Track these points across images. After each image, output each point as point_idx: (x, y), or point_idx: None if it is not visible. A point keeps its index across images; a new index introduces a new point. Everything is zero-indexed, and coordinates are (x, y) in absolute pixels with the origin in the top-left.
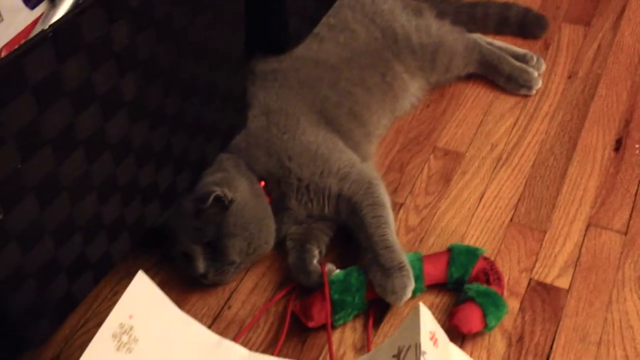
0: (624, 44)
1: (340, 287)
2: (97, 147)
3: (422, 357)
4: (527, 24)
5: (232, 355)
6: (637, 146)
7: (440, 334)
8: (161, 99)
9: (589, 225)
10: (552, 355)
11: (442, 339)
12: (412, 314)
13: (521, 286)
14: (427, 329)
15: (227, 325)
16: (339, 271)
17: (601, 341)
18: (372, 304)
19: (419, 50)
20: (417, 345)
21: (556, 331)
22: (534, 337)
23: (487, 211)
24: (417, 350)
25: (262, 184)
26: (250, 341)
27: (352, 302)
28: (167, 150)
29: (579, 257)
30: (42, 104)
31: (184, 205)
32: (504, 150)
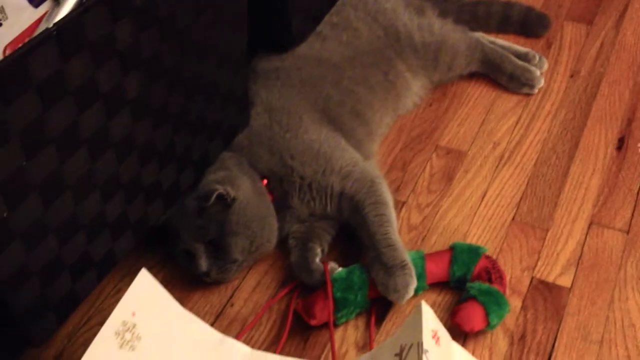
0: (627, 43)
1: (342, 285)
2: (101, 146)
3: (424, 355)
4: (529, 23)
5: (235, 353)
6: (639, 145)
7: (442, 332)
8: (164, 98)
9: (591, 223)
10: (554, 353)
11: (444, 337)
12: (414, 313)
13: (523, 285)
14: (429, 327)
15: (230, 323)
16: (341, 269)
17: (603, 340)
18: (375, 302)
19: (422, 49)
20: (420, 343)
21: (558, 330)
22: (536, 336)
23: (489, 210)
24: (420, 348)
25: (265, 182)
26: (252, 339)
27: (354, 301)
28: (170, 148)
29: (581, 256)
30: (46, 103)
31: (186, 203)
32: (506, 148)
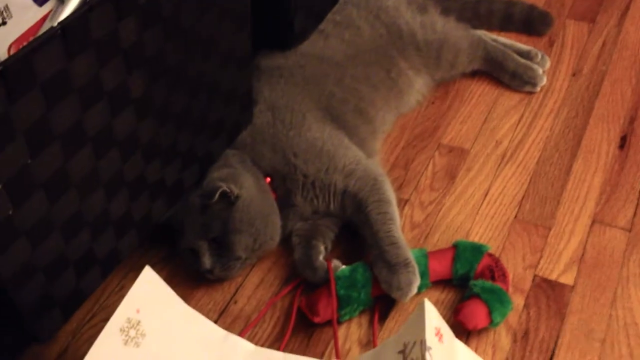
0: (629, 41)
1: (346, 283)
2: (105, 144)
3: (427, 352)
4: (531, 21)
5: (239, 350)
6: None
7: (445, 329)
8: (168, 96)
9: (593, 222)
10: (556, 351)
11: (447, 334)
12: (417, 310)
13: (526, 283)
14: (432, 324)
15: (233, 320)
16: (344, 267)
17: (606, 338)
18: (378, 299)
19: (424, 46)
20: (423, 341)
21: (561, 328)
22: (539, 334)
23: (492, 208)
24: (423, 346)
25: (268, 180)
26: (256, 336)
27: (357, 298)
28: (173, 146)
29: (583, 254)
30: (50, 101)
31: (190, 201)
32: (509, 147)
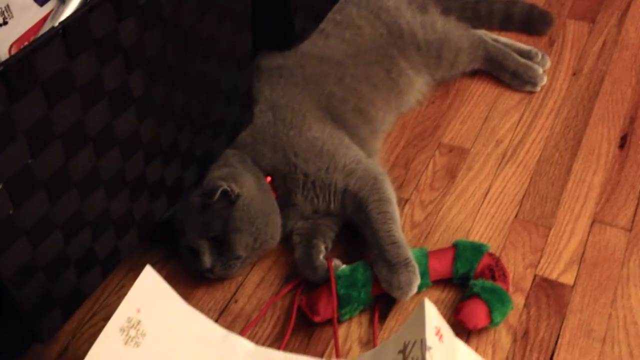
0: (629, 41)
1: (346, 282)
2: (106, 143)
3: (427, 352)
4: (532, 21)
5: (239, 349)
6: None
7: (445, 329)
8: (169, 95)
9: (593, 221)
10: (556, 351)
11: (448, 334)
12: (417, 310)
13: (526, 282)
14: (433, 324)
15: (234, 319)
16: (345, 266)
17: (606, 337)
18: (378, 299)
19: (424, 46)
20: (423, 340)
21: (561, 327)
22: (539, 333)
23: (492, 207)
24: (423, 345)
25: (269, 179)
26: (256, 335)
27: (358, 297)
28: (174, 145)
29: (583, 254)
30: (51, 100)
31: (190, 200)
32: (509, 146)
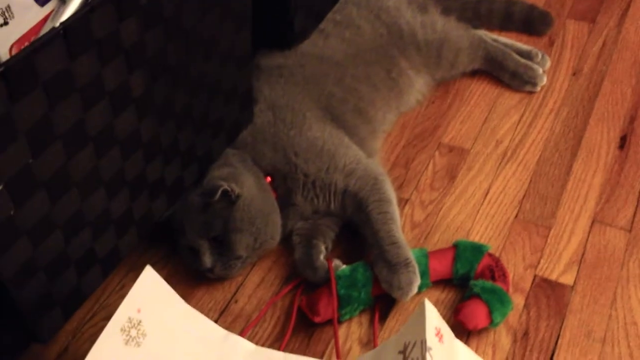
0: (629, 41)
1: (346, 282)
2: (107, 143)
3: (427, 353)
4: (532, 21)
5: (239, 349)
6: None
7: (445, 329)
8: (169, 95)
9: (593, 222)
10: (556, 351)
11: (448, 334)
12: (417, 310)
13: (526, 282)
14: (433, 325)
15: (234, 319)
16: (345, 267)
17: (605, 338)
18: (378, 299)
19: (424, 46)
20: (423, 341)
21: (561, 327)
22: (539, 333)
23: (492, 207)
24: (423, 346)
25: (269, 179)
26: (256, 335)
27: (358, 298)
28: (174, 145)
29: (583, 254)
30: (52, 101)
31: (191, 199)
32: (509, 146)
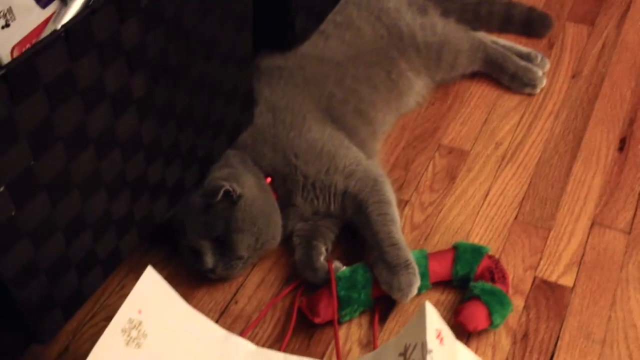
0: (628, 43)
1: (346, 283)
2: (108, 145)
3: (428, 355)
4: (531, 23)
5: (240, 350)
6: None
7: (446, 331)
8: (170, 96)
9: (593, 224)
10: (556, 352)
11: (448, 336)
12: (418, 313)
13: (526, 284)
14: (433, 327)
15: (234, 320)
16: (345, 268)
17: (605, 339)
18: (378, 300)
19: (424, 48)
20: (424, 343)
21: (560, 329)
22: (539, 335)
23: (492, 209)
24: (424, 348)
25: (269, 180)
26: (257, 336)
27: (358, 299)
28: (175, 146)
29: (583, 256)
30: (54, 103)
31: (191, 200)
32: (509, 148)
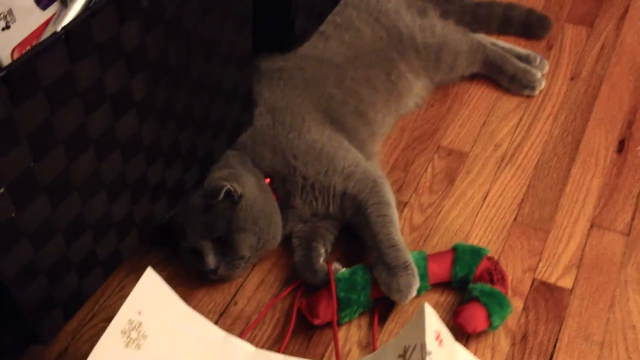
0: (627, 45)
1: (345, 285)
2: (108, 146)
3: (427, 356)
4: (530, 25)
5: (239, 351)
6: (639, 148)
7: (445, 333)
8: (170, 98)
9: (592, 225)
10: (555, 354)
11: (448, 338)
12: (417, 314)
13: (525, 286)
14: (433, 328)
15: (233, 321)
16: (344, 269)
17: (604, 341)
18: (378, 302)
19: (423, 50)
20: (423, 345)
21: (559, 331)
22: (538, 337)
23: (491, 211)
24: (423, 350)
25: (268, 181)
26: (256, 337)
27: (357, 300)
28: (175, 147)
29: (582, 258)
30: (54, 104)
31: (192, 201)
32: (508, 150)
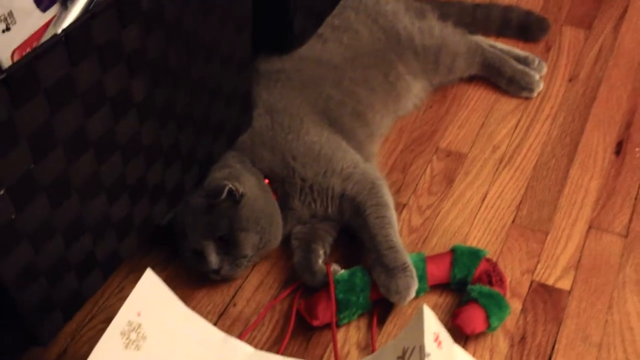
0: (625, 47)
1: (344, 286)
2: (108, 148)
3: (426, 358)
4: (528, 27)
5: (238, 352)
6: (637, 149)
7: (444, 335)
8: (170, 99)
9: (590, 227)
10: (553, 356)
11: (446, 340)
12: (416, 316)
13: (523, 287)
14: (431, 330)
15: (233, 322)
16: (343, 271)
17: (602, 342)
18: (376, 303)
19: (422, 51)
20: (422, 346)
21: (558, 332)
22: (536, 338)
23: (490, 212)
24: (422, 351)
25: (267, 181)
26: (255, 339)
27: (356, 302)
28: (174, 149)
29: (580, 259)
30: (54, 106)
31: (193, 201)
32: (506, 151)
